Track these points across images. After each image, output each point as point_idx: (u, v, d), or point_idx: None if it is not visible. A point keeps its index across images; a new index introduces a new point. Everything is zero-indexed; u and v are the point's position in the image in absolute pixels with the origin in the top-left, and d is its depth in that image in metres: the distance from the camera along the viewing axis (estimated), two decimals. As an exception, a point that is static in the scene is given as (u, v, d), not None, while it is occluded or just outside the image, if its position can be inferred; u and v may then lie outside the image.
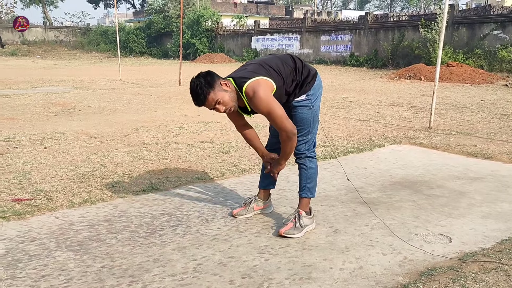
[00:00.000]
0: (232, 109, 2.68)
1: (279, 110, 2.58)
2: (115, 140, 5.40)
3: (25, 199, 3.38)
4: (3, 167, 4.21)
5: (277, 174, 3.03)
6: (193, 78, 2.61)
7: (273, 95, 2.62)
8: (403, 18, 21.59)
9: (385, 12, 47.18)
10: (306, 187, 2.92)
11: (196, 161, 4.54)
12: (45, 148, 4.95)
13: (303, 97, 2.78)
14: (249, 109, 2.73)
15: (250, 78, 2.59)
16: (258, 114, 2.71)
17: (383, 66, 19.13)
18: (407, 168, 4.40)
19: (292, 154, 2.88)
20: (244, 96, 2.61)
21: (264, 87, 2.57)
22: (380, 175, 4.15)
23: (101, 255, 2.53)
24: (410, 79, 14.37)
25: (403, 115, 7.61)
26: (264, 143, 3.05)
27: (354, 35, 21.40)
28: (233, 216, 3.11)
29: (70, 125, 6.30)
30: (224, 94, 2.60)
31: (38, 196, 3.45)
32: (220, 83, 2.60)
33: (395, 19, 21.23)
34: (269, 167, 2.97)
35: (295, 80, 2.75)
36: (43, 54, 32.80)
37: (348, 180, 3.50)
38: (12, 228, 2.89)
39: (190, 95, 2.62)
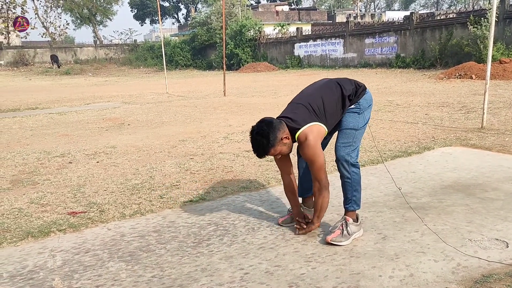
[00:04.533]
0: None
1: (321, 161, 2.71)
2: (162, 152, 5.54)
3: (79, 212, 3.53)
4: (59, 182, 4.41)
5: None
6: (255, 133, 2.69)
7: (326, 133, 2.77)
8: (451, 15, 20.91)
9: (431, 11, 45.85)
10: (353, 200, 2.89)
11: (241, 170, 4.58)
12: (97, 162, 5.16)
13: (352, 106, 2.80)
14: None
15: (304, 125, 2.69)
16: None
17: (431, 66, 18.56)
18: (459, 171, 4.24)
19: (335, 160, 2.87)
20: (296, 140, 2.73)
21: (315, 134, 2.69)
22: (430, 179, 4.02)
23: (151, 265, 2.60)
24: (460, 78, 13.87)
25: (453, 116, 7.35)
26: None
27: (399, 36, 20.93)
28: (279, 224, 3.11)
29: (120, 139, 6.53)
30: (283, 147, 2.73)
31: (91, 209, 3.59)
32: (281, 138, 2.68)
33: (442, 17, 20.59)
34: (299, 229, 2.95)
35: (345, 105, 2.80)
36: (95, 71, 34.22)
37: (399, 189, 3.42)
38: (68, 240, 3.02)
39: (251, 147, 2.74)
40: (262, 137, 2.65)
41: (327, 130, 2.76)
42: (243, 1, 35.67)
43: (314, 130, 2.69)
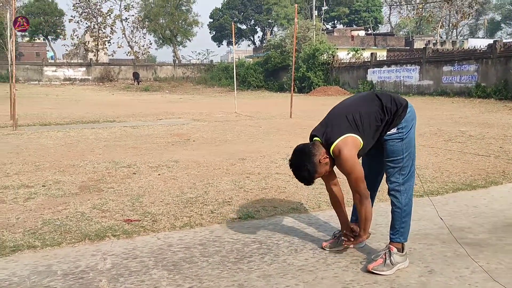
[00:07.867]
0: None
1: (358, 172, 2.67)
2: (221, 169, 5.68)
3: (134, 220, 3.71)
4: (121, 191, 4.67)
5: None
6: (294, 168, 2.79)
7: (362, 145, 2.69)
8: (539, 44, 19.69)
9: (519, 39, 43.36)
10: (400, 231, 2.80)
11: (294, 191, 4.58)
12: (158, 174, 5.39)
13: (394, 130, 2.73)
14: None
15: (338, 138, 2.66)
16: None
17: (514, 98, 17.48)
18: (526, 208, 3.96)
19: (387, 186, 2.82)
20: (332, 154, 2.71)
21: (350, 146, 2.64)
22: (492, 215, 3.79)
23: (191, 276, 2.68)
24: (544, 111, 12.94)
25: (530, 151, 6.87)
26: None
27: (480, 65, 19.99)
28: (322, 248, 3.08)
29: (184, 154, 6.78)
30: (326, 167, 2.74)
31: (145, 218, 3.76)
32: (320, 161, 2.69)
33: (528, 46, 19.44)
34: (346, 241, 2.94)
35: (384, 119, 2.72)
36: (171, 89, 35.80)
37: (441, 219, 3.27)
38: (120, 245, 3.19)
39: (298, 180, 2.84)
40: (301, 171, 2.71)
41: (362, 142, 2.67)
42: (318, 25, 35.89)
43: (349, 142, 2.65)
